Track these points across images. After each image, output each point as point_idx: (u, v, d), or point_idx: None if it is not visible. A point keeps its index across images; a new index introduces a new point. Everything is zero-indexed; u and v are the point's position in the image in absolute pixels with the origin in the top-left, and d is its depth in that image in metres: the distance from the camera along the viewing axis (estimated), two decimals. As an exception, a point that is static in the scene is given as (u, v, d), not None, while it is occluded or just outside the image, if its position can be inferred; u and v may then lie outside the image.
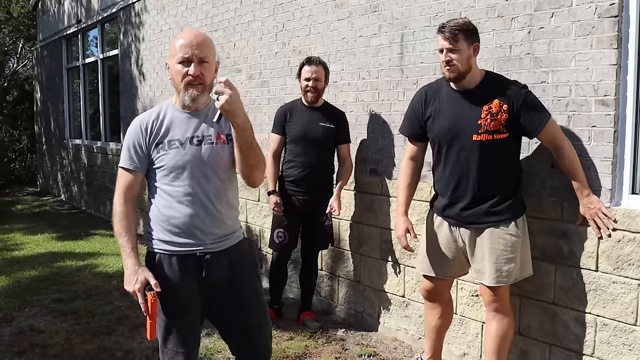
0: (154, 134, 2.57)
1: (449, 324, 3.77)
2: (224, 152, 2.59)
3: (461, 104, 3.28)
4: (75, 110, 12.37)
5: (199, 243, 2.57)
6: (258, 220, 5.99)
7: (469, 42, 3.19)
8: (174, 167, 2.54)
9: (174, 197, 2.55)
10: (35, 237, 8.62)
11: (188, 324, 2.64)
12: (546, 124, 3.14)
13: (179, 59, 2.49)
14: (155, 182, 2.59)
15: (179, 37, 2.54)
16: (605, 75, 3.12)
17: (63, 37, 12.29)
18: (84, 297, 5.47)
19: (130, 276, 2.49)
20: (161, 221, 2.58)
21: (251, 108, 6.00)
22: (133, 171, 2.59)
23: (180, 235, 2.56)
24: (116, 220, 2.57)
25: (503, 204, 3.24)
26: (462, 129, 3.25)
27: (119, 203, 2.59)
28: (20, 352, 4.23)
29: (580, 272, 3.29)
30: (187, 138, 2.56)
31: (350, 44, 4.74)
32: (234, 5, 6.21)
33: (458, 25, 3.17)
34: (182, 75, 2.49)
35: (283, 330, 4.65)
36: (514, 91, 3.18)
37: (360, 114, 4.70)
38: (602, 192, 3.17)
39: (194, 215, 2.55)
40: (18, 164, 17.41)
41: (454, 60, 3.18)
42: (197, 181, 2.55)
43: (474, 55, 3.23)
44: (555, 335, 3.45)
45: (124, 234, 2.55)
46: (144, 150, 2.57)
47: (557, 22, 3.32)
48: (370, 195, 4.65)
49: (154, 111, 2.64)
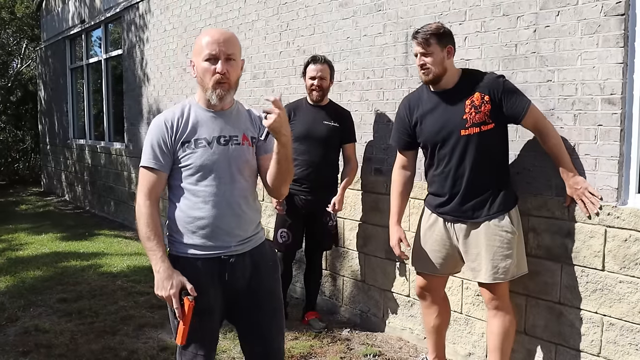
0: (180, 131, 2.49)
1: (447, 322, 3.80)
2: (249, 154, 2.58)
3: (444, 103, 3.37)
4: (79, 110, 12.39)
5: (224, 245, 2.52)
6: (262, 220, 5.97)
7: (442, 45, 3.29)
8: (202, 167, 2.48)
9: (200, 198, 2.49)
10: (39, 237, 8.62)
11: (209, 327, 2.59)
12: (529, 109, 3.23)
13: (206, 56, 2.44)
14: (180, 182, 2.52)
15: (204, 33, 2.50)
16: (611, 73, 3.11)
17: (67, 37, 12.30)
18: (89, 297, 5.47)
19: (164, 281, 2.40)
20: (186, 223, 2.51)
21: (255, 108, 5.97)
22: (158, 170, 2.48)
23: (206, 237, 2.50)
24: (142, 222, 2.44)
25: (497, 196, 3.31)
26: (449, 127, 3.33)
27: (144, 205, 2.46)
28: (25, 352, 4.23)
29: (587, 272, 3.28)
30: (215, 137, 2.51)
31: (354, 43, 4.74)
32: (237, 4, 6.21)
33: (430, 31, 3.29)
34: (211, 72, 2.45)
35: (288, 330, 4.62)
36: (492, 81, 3.28)
37: (365, 113, 4.70)
38: (609, 191, 3.16)
39: (221, 216, 2.49)
40: (22, 164, 17.46)
41: (427, 64, 3.30)
42: (224, 181, 2.50)
43: (448, 57, 3.32)
44: (561, 335, 3.44)
45: (153, 237, 2.43)
46: (169, 148, 2.48)
47: (563, 21, 3.31)
48: (375, 195, 4.64)
49: (178, 108, 2.56)
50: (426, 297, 3.67)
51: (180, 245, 2.52)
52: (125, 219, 9.60)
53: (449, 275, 3.70)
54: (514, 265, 3.28)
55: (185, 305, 2.39)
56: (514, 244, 3.27)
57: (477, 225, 3.32)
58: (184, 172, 2.50)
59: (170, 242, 2.56)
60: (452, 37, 3.37)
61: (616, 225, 3.13)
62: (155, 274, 2.42)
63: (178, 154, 2.49)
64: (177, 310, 2.40)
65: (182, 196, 2.51)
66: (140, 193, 2.48)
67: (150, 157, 2.48)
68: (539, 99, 3.43)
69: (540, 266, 3.47)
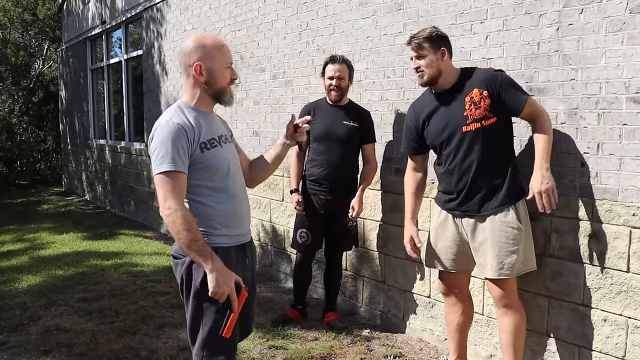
0: (196, 134, 2.57)
1: (470, 321, 3.80)
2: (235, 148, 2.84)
3: (445, 103, 3.47)
4: (100, 110, 12.48)
5: (245, 232, 2.77)
6: (282, 220, 5.98)
7: (435, 48, 3.41)
8: (218, 164, 2.62)
9: (222, 192, 2.64)
10: (60, 236, 8.70)
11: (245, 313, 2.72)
12: (526, 103, 3.28)
13: (228, 64, 2.65)
14: (201, 181, 2.60)
15: (215, 40, 2.65)
16: (637, 72, 3.06)
17: (87, 38, 12.41)
18: (109, 296, 5.50)
19: (224, 276, 2.47)
20: (216, 216, 2.62)
21: (275, 108, 5.99)
22: (183, 173, 2.52)
23: (234, 227, 2.68)
24: (185, 227, 2.45)
25: (502, 188, 3.33)
26: (451, 125, 3.42)
27: (181, 209, 2.47)
28: (47, 350, 4.26)
29: (611, 273, 3.23)
30: (219, 137, 2.68)
31: (375, 43, 4.71)
32: (257, 4, 6.21)
33: (423, 35, 3.43)
34: (230, 78, 2.67)
35: (308, 330, 4.63)
36: (490, 76, 3.35)
37: (385, 113, 4.67)
38: (634, 192, 3.11)
39: (241, 206, 2.73)
40: (43, 164, 17.65)
41: (421, 67, 3.44)
42: (235, 175, 2.72)
43: (442, 59, 3.43)
44: (584, 336, 3.39)
45: (199, 237, 2.48)
46: (189, 151, 2.54)
47: (587, 19, 3.27)
48: (395, 195, 4.61)
49: (180, 112, 2.61)
50: (449, 294, 3.71)
51: (214, 237, 2.61)
52: (145, 219, 9.65)
53: (465, 271, 3.67)
54: (520, 261, 3.30)
55: (241, 297, 2.54)
56: (520, 239, 3.30)
57: (483, 219, 3.37)
58: (205, 171, 2.59)
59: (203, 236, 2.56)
60: (446, 40, 3.48)
61: (641, 226, 3.09)
62: (210, 273, 2.46)
63: (196, 155, 2.56)
64: (233, 303, 2.51)
65: (206, 193, 2.61)
66: (171, 199, 2.47)
67: (173, 160, 2.49)
68: (562, 98, 3.39)
69: (563, 267, 3.43)
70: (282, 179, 5.88)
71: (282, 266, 6.10)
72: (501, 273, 3.30)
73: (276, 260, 6.18)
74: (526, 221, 3.37)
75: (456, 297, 3.70)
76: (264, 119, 6.13)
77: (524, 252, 3.32)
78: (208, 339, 2.60)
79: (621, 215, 3.16)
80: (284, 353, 4.20)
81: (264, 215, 6.27)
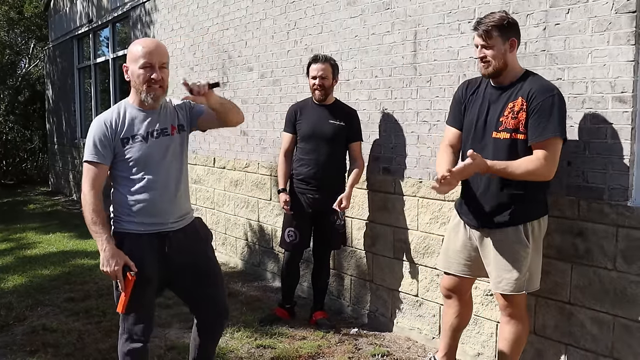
0: (118, 130, 2.91)
1: (466, 324, 3.71)
2: (179, 141, 3.05)
3: (490, 99, 3.25)
4: (87, 109, 12.41)
5: (162, 222, 2.98)
6: (270, 219, 5.97)
7: (504, 37, 3.12)
8: (140, 158, 2.92)
9: (140, 184, 2.93)
10: (47, 236, 8.65)
11: (149, 294, 3.03)
12: (544, 141, 3.00)
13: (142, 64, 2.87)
14: (122, 172, 2.94)
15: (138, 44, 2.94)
16: (622, 71, 3.08)
17: (74, 36, 12.34)
18: (96, 296, 5.47)
19: (109, 259, 2.83)
20: (130, 205, 2.94)
21: (263, 107, 5.98)
22: (99, 163, 2.89)
23: (146, 216, 2.94)
24: (88, 209, 2.85)
25: (514, 205, 3.16)
26: (484, 124, 3.23)
27: (89, 193, 2.85)
28: (33, 351, 4.23)
29: (597, 272, 3.25)
30: (148, 132, 2.95)
31: (362, 42, 4.71)
32: (245, 3, 6.19)
33: (492, 22, 3.10)
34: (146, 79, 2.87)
35: (296, 329, 4.63)
36: (539, 89, 3.06)
37: (373, 112, 4.67)
38: (620, 191, 3.13)
39: (158, 198, 2.95)
40: (30, 163, 17.51)
41: (488, 57, 3.15)
42: (160, 169, 2.96)
43: (511, 51, 3.15)
44: (571, 335, 3.41)
45: (98, 221, 2.85)
46: (110, 144, 2.90)
47: (573, 18, 3.28)
48: (383, 194, 4.62)
49: (114, 110, 2.98)
50: (450, 296, 3.58)
51: (125, 223, 2.96)
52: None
53: (475, 277, 3.56)
54: (524, 279, 3.16)
55: (128, 280, 2.83)
56: (522, 257, 3.15)
57: (487, 233, 3.26)
58: (125, 163, 2.93)
59: (116, 221, 2.98)
60: (517, 28, 3.18)
61: (627, 224, 3.10)
62: (101, 252, 2.86)
63: (118, 149, 2.92)
64: (120, 284, 2.86)
65: (125, 184, 2.95)
66: (85, 184, 2.88)
67: (92, 152, 2.89)
68: (549, 97, 3.40)
69: (551, 266, 3.44)
70: (270, 178, 5.88)
71: (269, 265, 6.09)
72: (499, 287, 3.21)
73: (264, 260, 6.17)
74: (538, 241, 3.21)
75: (456, 301, 3.57)
76: (251, 118, 6.12)
77: (530, 270, 3.18)
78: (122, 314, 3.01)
79: (607, 214, 3.18)
80: (272, 352, 4.19)
81: (252, 214, 6.26)
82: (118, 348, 3.13)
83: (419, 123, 4.26)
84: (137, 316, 3.02)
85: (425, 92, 4.20)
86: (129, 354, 3.07)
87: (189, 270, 3.07)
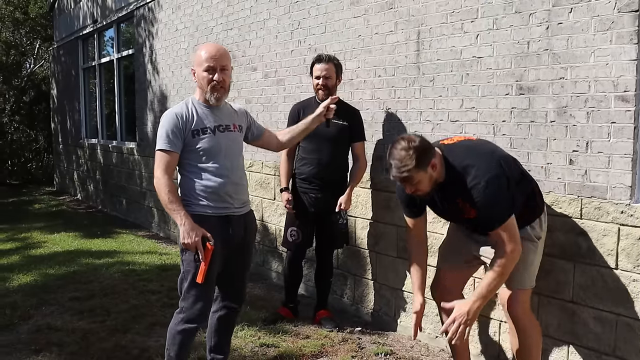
0: (189, 122, 3.22)
1: None
2: (239, 137, 3.44)
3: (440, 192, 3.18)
4: (91, 109, 12.45)
5: (228, 207, 3.28)
6: (274, 219, 5.99)
7: (424, 168, 2.96)
8: (209, 149, 3.22)
9: (208, 172, 3.23)
10: (52, 236, 8.67)
11: (213, 272, 3.24)
12: (497, 229, 3.00)
13: (205, 68, 3.22)
14: (192, 161, 3.24)
15: (203, 48, 3.28)
16: (625, 70, 3.08)
17: (79, 37, 12.37)
18: (101, 295, 5.49)
19: (190, 231, 3.08)
20: (200, 191, 3.22)
21: (266, 106, 5.99)
22: (172, 152, 3.19)
23: (215, 201, 3.24)
24: (164, 191, 3.11)
25: None
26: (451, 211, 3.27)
27: (163, 177, 3.14)
28: (37, 350, 4.25)
29: (600, 270, 3.26)
30: (215, 127, 3.28)
31: (366, 42, 4.72)
32: (249, 3, 6.21)
33: (405, 167, 2.94)
34: (209, 80, 3.23)
35: (299, 328, 4.64)
36: (470, 193, 3.00)
37: (376, 111, 4.68)
38: (622, 189, 3.13)
39: (226, 185, 3.25)
40: (35, 163, 17.55)
41: (421, 191, 3.08)
42: (225, 159, 3.27)
43: (434, 170, 3.01)
44: (574, 333, 3.41)
45: (175, 200, 3.13)
46: (181, 134, 3.19)
47: (576, 18, 3.29)
48: (387, 193, 4.63)
49: (183, 105, 3.29)
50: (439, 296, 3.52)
51: (194, 206, 3.22)
52: (137, 218, 9.63)
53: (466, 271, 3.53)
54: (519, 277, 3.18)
55: (207, 250, 3.10)
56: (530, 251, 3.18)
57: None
58: (194, 153, 3.23)
59: (187, 204, 3.21)
60: (430, 148, 3.02)
61: (629, 223, 3.11)
62: (180, 227, 3.11)
63: (188, 140, 3.22)
64: (201, 253, 3.10)
65: (195, 171, 3.25)
66: (158, 169, 3.16)
67: (165, 141, 3.18)
68: (552, 96, 3.41)
69: (553, 265, 3.45)
70: (274, 177, 5.89)
71: (273, 265, 6.10)
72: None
73: (268, 259, 6.18)
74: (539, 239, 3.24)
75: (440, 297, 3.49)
76: (255, 117, 6.11)
77: (528, 269, 3.21)
78: (187, 288, 3.24)
79: (610, 212, 3.19)
80: (276, 351, 4.20)
81: (256, 214, 6.23)
82: (170, 326, 3.35)
83: (422, 122, 4.27)
84: (198, 294, 3.23)
85: (429, 92, 4.21)
86: (182, 333, 3.29)
87: (240, 256, 3.41)
